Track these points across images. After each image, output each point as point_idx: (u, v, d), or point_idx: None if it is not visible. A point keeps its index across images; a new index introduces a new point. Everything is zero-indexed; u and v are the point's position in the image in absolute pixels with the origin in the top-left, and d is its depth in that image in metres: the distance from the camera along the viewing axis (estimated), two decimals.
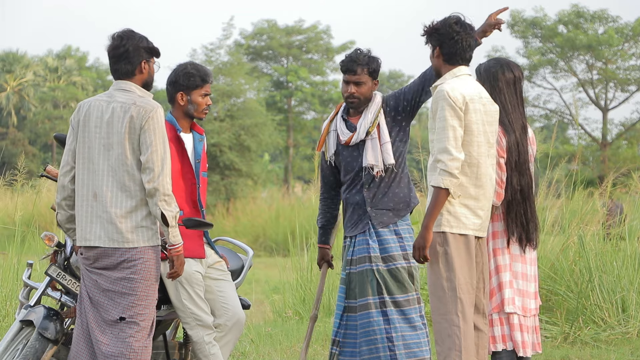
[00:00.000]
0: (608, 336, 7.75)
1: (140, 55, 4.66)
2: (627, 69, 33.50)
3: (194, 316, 5.09)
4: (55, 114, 45.97)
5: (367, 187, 5.38)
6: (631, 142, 33.86)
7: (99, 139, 4.58)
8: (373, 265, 5.30)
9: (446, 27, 4.72)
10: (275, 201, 22.93)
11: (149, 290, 4.59)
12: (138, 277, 4.55)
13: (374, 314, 5.25)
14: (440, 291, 4.68)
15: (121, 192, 4.55)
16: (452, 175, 4.58)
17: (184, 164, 5.18)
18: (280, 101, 40.32)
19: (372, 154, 5.37)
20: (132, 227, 4.55)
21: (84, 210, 4.60)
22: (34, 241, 8.72)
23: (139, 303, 4.56)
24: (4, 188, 8.34)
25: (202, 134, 5.35)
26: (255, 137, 27.59)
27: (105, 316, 4.56)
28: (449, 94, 4.63)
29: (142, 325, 4.58)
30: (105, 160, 4.57)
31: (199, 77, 5.21)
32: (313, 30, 40.88)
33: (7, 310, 7.76)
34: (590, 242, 8.30)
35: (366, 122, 5.40)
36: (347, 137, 5.41)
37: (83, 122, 4.62)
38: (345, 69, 5.43)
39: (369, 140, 5.38)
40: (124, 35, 4.69)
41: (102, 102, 4.62)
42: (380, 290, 5.27)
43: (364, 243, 5.34)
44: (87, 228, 4.59)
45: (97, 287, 4.58)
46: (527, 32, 33.93)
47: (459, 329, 4.63)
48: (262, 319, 9.35)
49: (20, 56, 48.46)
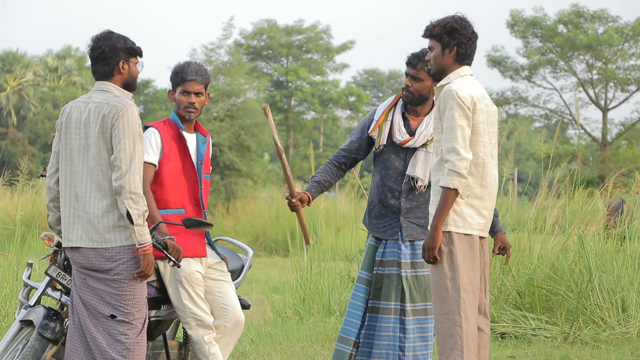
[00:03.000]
0: (608, 336, 7.75)
1: (118, 55, 4.66)
2: (627, 69, 33.49)
3: (193, 316, 5.09)
4: (55, 114, 45.94)
5: (405, 196, 5.30)
6: (631, 142, 33.85)
7: (78, 140, 4.62)
8: (402, 271, 5.25)
9: (465, 28, 4.71)
10: (275, 201, 22.92)
11: (135, 289, 4.59)
12: (122, 277, 4.55)
13: (392, 320, 5.23)
14: (444, 291, 4.67)
15: (97, 192, 4.57)
16: (460, 175, 4.58)
17: (186, 162, 5.17)
18: (280, 101, 40.31)
19: (421, 167, 5.29)
20: (109, 226, 4.55)
21: (67, 211, 4.64)
22: (33, 241, 8.72)
23: (127, 303, 4.57)
24: (4, 188, 8.33)
25: (207, 136, 5.32)
26: (255, 137, 27.60)
27: (97, 314, 4.57)
28: (458, 93, 4.62)
29: (134, 324, 4.58)
30: (85, 161, 4.60)
31: (179, 74, 5.20)
32: (313, 30, 40.87)
33: (7, 310, 7.75)
34: (591, 242, 8.30)
35: (427, 133, 5.30)
36: (404, 139, 5.31)
37: (65, 124, 4.67)
38: (408, 62, 5.34)
39: (423, 152, 5.30)
40: (100, 36, 4.70)
41: (80, 104, 4.66)
42: (403, 297, 5.24)
43: (395, 247, 5.29)
44: (70, 229, 4.63)
45: (86, 286, 4.60)
46: (527, 32, 33.90)
47: (461, 329, 4.62)
48: (262, 319, 9.34)
49: (20, 56, 48.44)
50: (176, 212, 5.15)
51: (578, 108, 21.24)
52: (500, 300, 8.15)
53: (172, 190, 5.14)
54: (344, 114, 45.81)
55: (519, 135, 50.18)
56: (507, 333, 7.93)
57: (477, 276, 4.71)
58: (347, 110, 44.29)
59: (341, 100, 41.68)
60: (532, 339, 7.76)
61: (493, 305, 8.09)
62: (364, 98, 43.23)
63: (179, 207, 5.16)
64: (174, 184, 5.15)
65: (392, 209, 5.32)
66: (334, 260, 9.58)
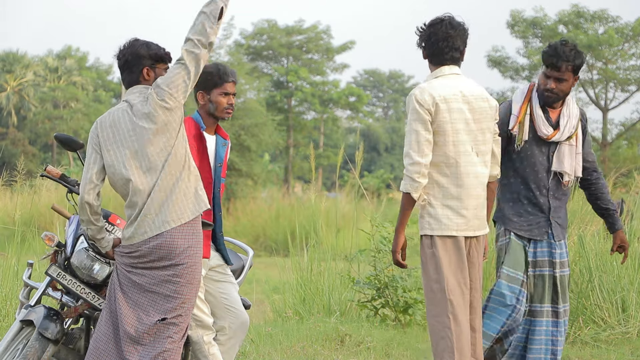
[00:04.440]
0: (608, 336, 7.75)
1: (141, 63, 4.60)
2: (627, 69, 33.51)
3: (193, 317, 5.09)
4: (55, 114, 45.99)
5: (553, 193, 5.22)
6: (631, 142, 33.86)
7: (137, 139, 4.61)
8: (556, 271, 5.22)
9: (427, 29, 4.76)
10: (275, 201, 22.92)
11: (191, 293, 4.54)
12: (182, 280, 4.49)
13: (546, 323, 5.20)
14: (431, 293, 4.70)
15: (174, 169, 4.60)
16: (413, 180, 4.62)
17: (203, 163, 5.12)
18: (281, 101, 40.32)
19: (569, 161, 5.20)
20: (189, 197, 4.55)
21: (144, 208, 4.54)
22: (33, 241, 8.72)
23: (182, 305, 4.52)
24: (4, 188, 8.33)
25: (227, 139, 5.29)
26: (255, 137, 27.60)
27: (144, 317, 4.47)
28: (417, 97, 4.67)
29: (181, 327, 4.54)
30: (154, 146, 4.62)
31: (217, 75, 5.14)
32: (313, 30, 40.90)
33: (7, 310, 7.75)
34: (591, 242, 8.30)
35: (570, 125, 5.20)
36: (551, 133, 5.20)
37: (112, 132, 4.60)
38: (549, 63, 5.17)
39: (567, 146, 5.21)
40: (125, 44, 4.66)
41: (119, 111, 4.63)
42: (556, 299, 5.20)
43: (547, 247, 5.23)
44: (146, 222, 4.49)
45: (137, 287, 4.50)
46: (527, 32, 33.93)
47: (451, 330, 4.64)
48: (262, 319, 9.34)
49: (21, 56, 48.48)
50: None
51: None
52: None
53: None
54: (344, 114, 45.87)
55: None
56: None
57: (465, 276, 4.71)
58: (347, 110, 44.33)
59: (341, 100, 41.72)
60: None
61: None
62: (364, 98, 43.27)
63: None
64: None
65: (541, 207, 5.23)
66: (334, 260, 9.58)
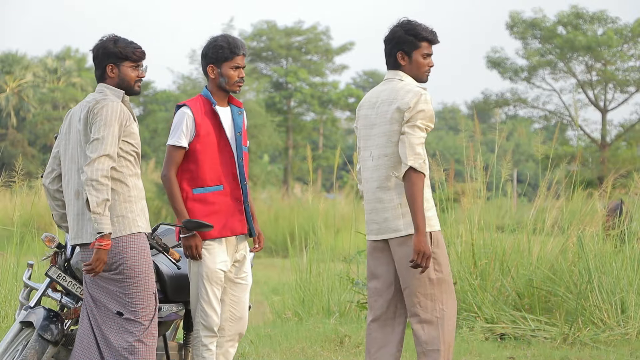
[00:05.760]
0: (607, 337, 7.74)
1: (105, 59, 4.69)
2: (626, 70, 33.49)
3: (201, 314, 5.09)
4: (54, 115, 45.94)
5: None
6: (630, 143, 33.84)
7: (78, 138, 4.75)
8: None
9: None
10: (275, 202, 22.92)
11: (139, 285, 4.60)
12: (125, 272, 4.57)
13: None
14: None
15: None
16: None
17: (221, 138, 5.12)
18: (280, 102, 40.30)
19: None
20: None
21: (70, 210, 4.76)
22: (32, 242, 8.72)
23: (132, 300, 4.59)
24: (3, 189, 8.33)
25: (241, 107, 5.28)
26: (254, 138, 27.63)
27: (107, 312, 4.59)
28: None
29: (141, 322, 4.59)
30: (80, 158, 4.76)
31: (228, 49, 5.12)
32: (312, 32, 40.87)
33: (6, 312, 7.75)
34: (590, 243, 8.30)
35: None
36: None
37: (68, 126, 4.78)
38: None
39: None
40: (98, 40, 4.74)
41: (78, 106, 4.78)
42: None
43: None
44: (76, 226, 4.71)
45: (95, 283, 4.63)
46: (526, 33, 33.91)
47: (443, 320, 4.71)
48: (261, 320, 9.35)
49: (20, 57, 48.42)
50: (214, 189, 5.12)
51: (577, 109, 21.16)
52: (499, 301, 8.15)
53: (209, 167, 5.10)
54: (344, 115, 45.82)
55: (518, 137, 50.19)
56: (506, 334, 7.93)
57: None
58: (347, 111, 44.27)
59: (341, 101, 41.68)
60: (532, 340, 7.76)
61: (492, 306, 8.10)
62: None
63: (217, 184, 5.12)
64: (210, 161, 5.10)
65: None
66: (333, 261, 9.59)
